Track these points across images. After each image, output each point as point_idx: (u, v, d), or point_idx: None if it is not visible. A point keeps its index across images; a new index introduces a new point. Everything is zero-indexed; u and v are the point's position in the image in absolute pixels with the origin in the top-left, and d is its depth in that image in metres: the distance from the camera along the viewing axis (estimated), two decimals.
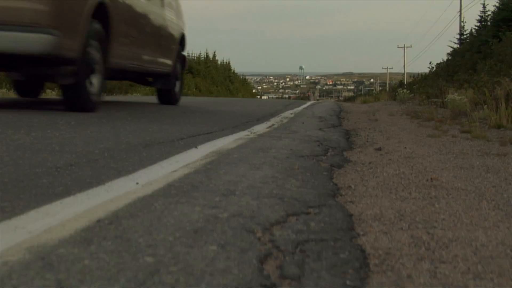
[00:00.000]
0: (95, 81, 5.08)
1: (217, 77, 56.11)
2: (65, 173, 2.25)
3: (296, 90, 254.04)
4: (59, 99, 6.32)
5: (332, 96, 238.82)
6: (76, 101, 4.94)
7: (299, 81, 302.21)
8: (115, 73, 6.16)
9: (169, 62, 7.59)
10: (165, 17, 7.41)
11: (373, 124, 6.36)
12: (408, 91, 9.53)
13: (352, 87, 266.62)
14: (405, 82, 51.53)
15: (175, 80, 7.99)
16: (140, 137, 3.68)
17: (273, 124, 5.56)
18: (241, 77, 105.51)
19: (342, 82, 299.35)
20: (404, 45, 53.94)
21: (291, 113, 7.80)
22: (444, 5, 45.49)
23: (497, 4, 20.57)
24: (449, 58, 25.15)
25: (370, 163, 3.39)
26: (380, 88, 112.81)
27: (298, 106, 10.73)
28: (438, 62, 42.20)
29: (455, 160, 3.62)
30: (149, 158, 2.80)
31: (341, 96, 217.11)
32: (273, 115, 7.24)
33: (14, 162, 2.40)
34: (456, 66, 21.12)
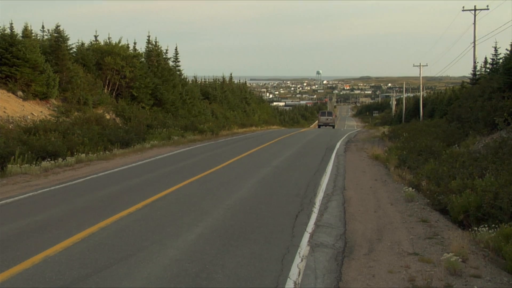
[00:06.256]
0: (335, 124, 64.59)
1: (233, 100, 56.37)
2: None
3: (313, 95, 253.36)
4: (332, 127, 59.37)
5: (349, 102, 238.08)
6: (333, 127, 58.57)
7: (316, 86, 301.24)
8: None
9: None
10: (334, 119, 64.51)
11: None
12: (413, 190, 9.89)
13: (369, 92, 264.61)
14: (421, 102, 51.42)
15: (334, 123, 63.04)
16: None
17: None
18: (257, 93, 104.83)
19: (360, 87, 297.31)
20: (420, 63, 54.25)
21: None
22: (461, 27, 44.71)
23: (507, 51, 20.75)
24: (461, 99, 25.37)
25: None
26: (397, 95, 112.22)
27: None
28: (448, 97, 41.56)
29: None
30: None
31: (358, 102, 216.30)
32: None
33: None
34: (467, 112, 21.33)
